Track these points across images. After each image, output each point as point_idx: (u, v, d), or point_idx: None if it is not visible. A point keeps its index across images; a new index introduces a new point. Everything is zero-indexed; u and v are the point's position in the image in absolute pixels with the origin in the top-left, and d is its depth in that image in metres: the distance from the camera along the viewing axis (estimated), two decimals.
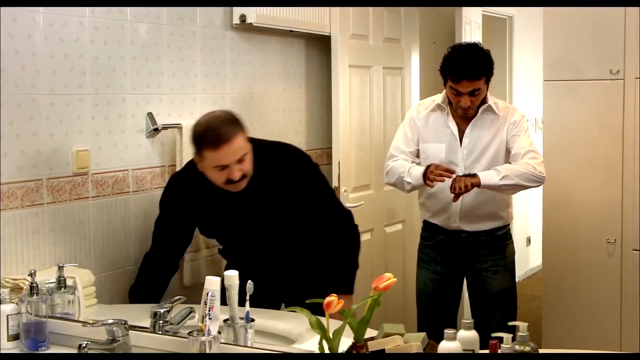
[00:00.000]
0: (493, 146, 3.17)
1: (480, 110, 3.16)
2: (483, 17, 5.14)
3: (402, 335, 1.93)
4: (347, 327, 1.89)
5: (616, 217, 3.48)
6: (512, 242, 3.35)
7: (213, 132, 2.51)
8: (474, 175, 3.02)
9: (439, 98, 3.24)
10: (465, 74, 3.02)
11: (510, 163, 3.15)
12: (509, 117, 3.19)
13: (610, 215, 3.50)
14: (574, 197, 3.56)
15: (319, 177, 2.81)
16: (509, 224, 3.34)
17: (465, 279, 3.35)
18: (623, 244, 3.47)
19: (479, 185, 3.01)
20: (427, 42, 4.68)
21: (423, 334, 1.95)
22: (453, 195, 3.03)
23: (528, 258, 6.24)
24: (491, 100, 3.19)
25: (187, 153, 3.01)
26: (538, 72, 3.77)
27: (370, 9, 3.93)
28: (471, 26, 4.87)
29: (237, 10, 3.29)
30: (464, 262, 3.28)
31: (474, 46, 3.14)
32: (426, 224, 3.35)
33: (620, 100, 3.43)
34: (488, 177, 3.03)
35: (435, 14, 4.98)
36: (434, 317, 3.30)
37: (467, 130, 3.18)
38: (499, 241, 3.27)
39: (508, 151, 3.18)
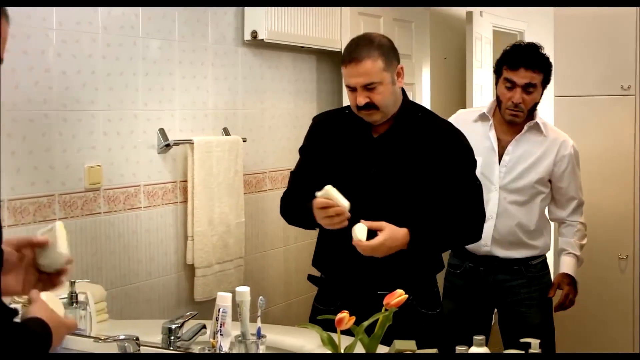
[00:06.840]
0: (536, 171, 2.98)
1: (526, 127, 2.98)
2: (494, 32, 5.14)
3: (413, 352, 1.92)
4: (359, 344, 1.89)
5: (628, 232, 3.47)
6: (549, 273, 3.12)
7: (350, 48, 2.41)
8: (568, 276, 3.04)
9: (485, 107, 3.07)
10: (524, 62, 2.89)
11: (553, 198, 3.07)
12: (561, 146, 3.00)
13: (622, 231, 3.49)
14: (585, 212, 3.54)
15: (471, 162, 2.51)
16: (545, 254, 3.10)
17: (496, 312, 3.13)
18: (635, 259, 3.46)
19: (574, 281, 3.04)
20: (438, 57, 4.68)
21: (434, 350, 1.94)
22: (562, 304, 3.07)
23: None
24: (539, 119, 3.01)
25: (198, 168, 3.03)
26: (549, 87, 3.75)
27: (381, 23, 3.94)
28: (482, 42, 4.88)
29: (249, 27, 3.30)
30: (495, 294, 3.05)
31: (535, 44, 2.99)
32: (454, 250, 3.10)
33: (631, 116, 3.43)
34: (574, 269, 3.06)
35: (446, 29, 4.98)
36: None
37: (510, 147, 2.99)
38: (535, 271, 3.04)
39: (550, 181, 3.02)
